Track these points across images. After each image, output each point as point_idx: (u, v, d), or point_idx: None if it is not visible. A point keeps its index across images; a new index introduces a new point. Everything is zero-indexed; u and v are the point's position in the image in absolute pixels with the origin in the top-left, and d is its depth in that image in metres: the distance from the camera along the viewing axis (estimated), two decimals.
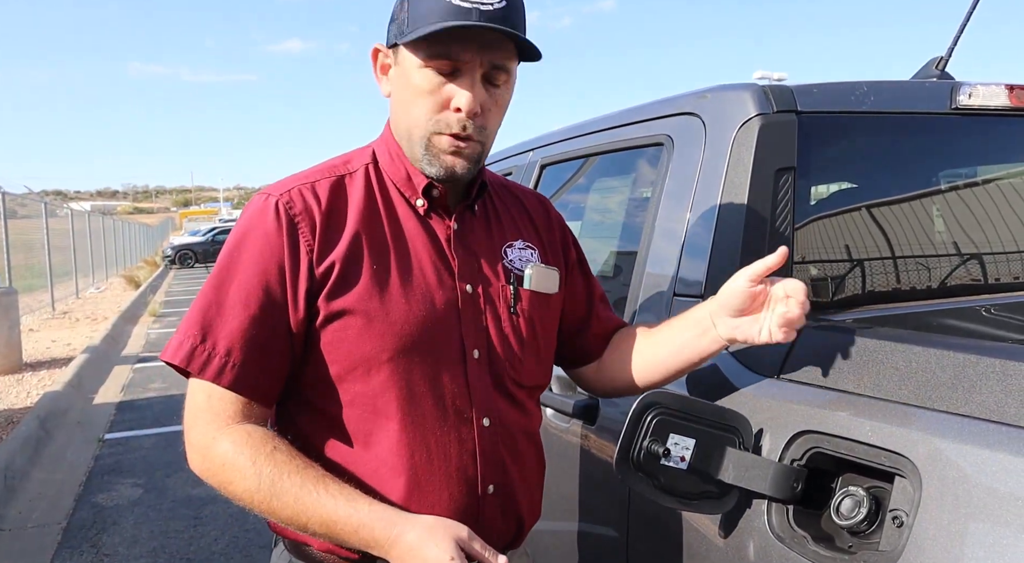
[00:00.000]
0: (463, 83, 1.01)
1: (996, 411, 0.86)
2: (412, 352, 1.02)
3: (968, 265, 1.56)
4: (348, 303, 1.01)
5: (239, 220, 1.07)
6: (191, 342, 0.99)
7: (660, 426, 1.05)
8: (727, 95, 1.45)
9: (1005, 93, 1.55)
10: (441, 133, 1.03)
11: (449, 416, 1.05)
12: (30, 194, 12.88)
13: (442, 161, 1.04)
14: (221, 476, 0.97)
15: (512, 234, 1.18)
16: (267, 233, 1.01)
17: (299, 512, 0.95)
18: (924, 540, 0.85)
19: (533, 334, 1.14)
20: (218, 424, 0.99)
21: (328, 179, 1.07)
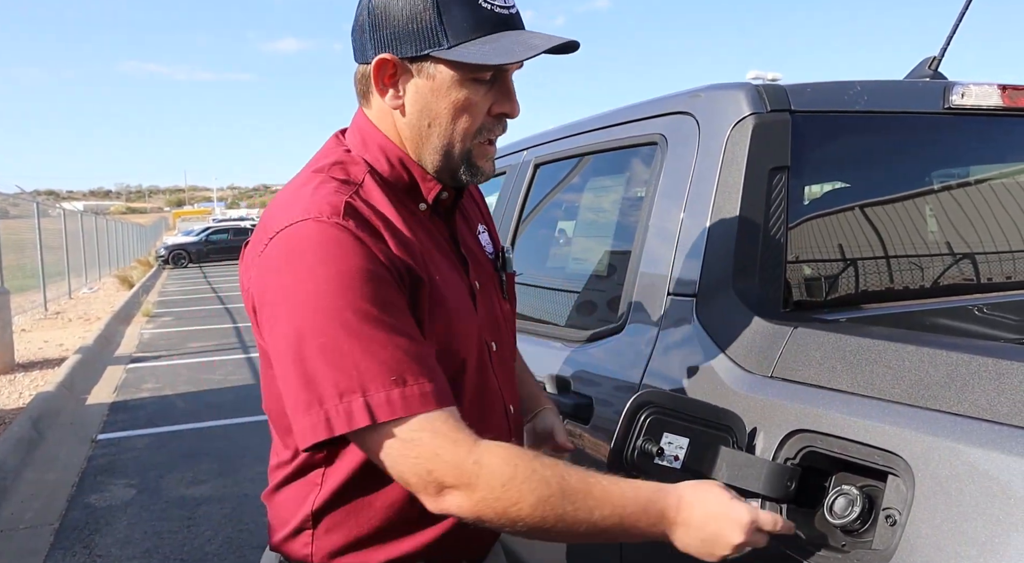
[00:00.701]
0: (506, 88, 1.00)
1: (989, 410, 0.86)
2: (467, 357, 1.03)
3: (961, 265, 1.57)
4: (428, 308, 0.97)
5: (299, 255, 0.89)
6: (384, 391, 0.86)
7: (654, 425, 1.05)
8: (721, 94, 1.45)
9: (998, 93, 1.55)
10: (483, 142, 1.01)
11: (492, 405, 1.08)
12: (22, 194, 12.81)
13: (482, 168, 1.03)
14: (505, 499, 0.85)
15: (475, 220, 1.19)
16: (360, 250, 0.89)
17: (592, 508, 0.87)
18: (917, 539, 0.85)
19: (515, 314, 1.20)
20: (465, 449, 0.87)
21: (352, 189, 0.97)
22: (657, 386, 1.32)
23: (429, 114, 0.99)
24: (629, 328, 1.49)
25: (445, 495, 0.87)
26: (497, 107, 1.00)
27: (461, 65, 0.95)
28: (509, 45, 0.95)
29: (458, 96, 0.97)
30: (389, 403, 0.85)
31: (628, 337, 1.48)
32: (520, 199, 2.11)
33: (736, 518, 0.90)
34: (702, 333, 1.30)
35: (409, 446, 0.86)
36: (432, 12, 0.95)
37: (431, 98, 0.98)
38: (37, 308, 12.16)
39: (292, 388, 0.89)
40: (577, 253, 2.05)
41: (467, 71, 0.96)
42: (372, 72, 0.99)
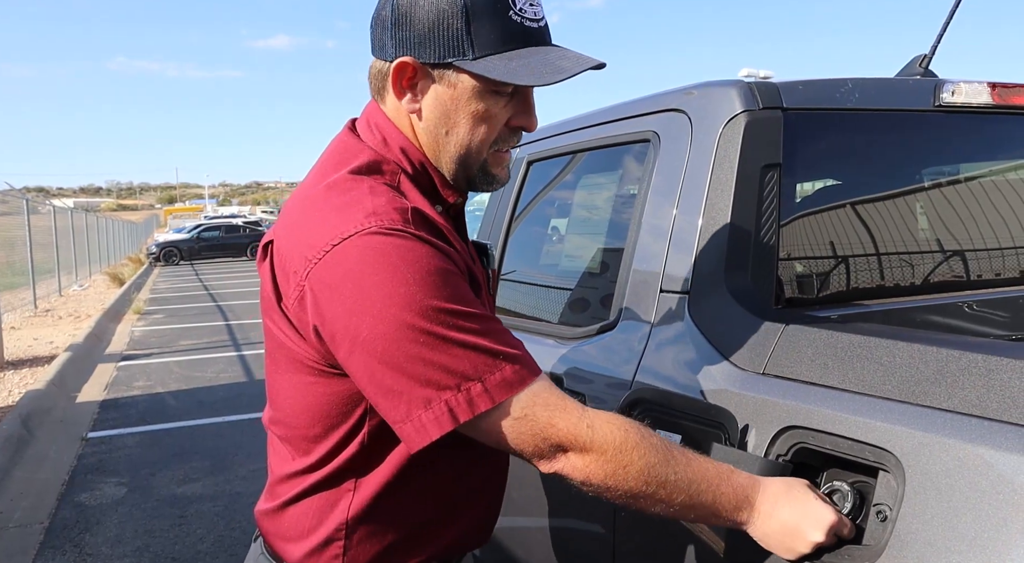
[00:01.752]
0: (526, 102, 1.00)
1: (978, 406, 0.87)
2: None
3: (951, 262, 1.58)
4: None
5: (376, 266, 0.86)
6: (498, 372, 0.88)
7: (646, 422, 1.05)
8: (713, 91, 1.45)
9: (987, 91, 1.56)
10: (499, 150, 1.02)
11: None
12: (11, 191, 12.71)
13: (497, 176, 1.04)
14: (616, 461, 0.89)
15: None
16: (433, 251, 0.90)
17: (691, 480, 0.90)
18: (907, 534, 0.86)
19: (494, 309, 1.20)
20: (577, 414, 0.91)
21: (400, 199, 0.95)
22: (650, 383, 1.32)
23: (447, 122, 0.99)
24: (622, 325, 1.49)
25: (560, 458, 0.90)
26: (515, 120, 1.00)
27: (484, 77, 0.94)
28: (537, 65, 0.94)
29: (478, 107, 0.97)
30: (505, 383, 0.88)
31: (621, 334, 1.48)
32: (513, 196, 2.11)
33: (820, 517, 0.92)
34: (694, 330, 1.30)
35: (524, 423, 0.89)
36: (460, 21, 0.92)
37: (450, 106, 0.97)
38: (27, 306, 12.08)
39: (396, 390, 0.87)
40: (570, 250, 2.05)
41: (490, 83, 0.95)
42: (391, 73, 0.97)
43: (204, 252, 28.28)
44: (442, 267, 0.89)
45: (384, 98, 1.02)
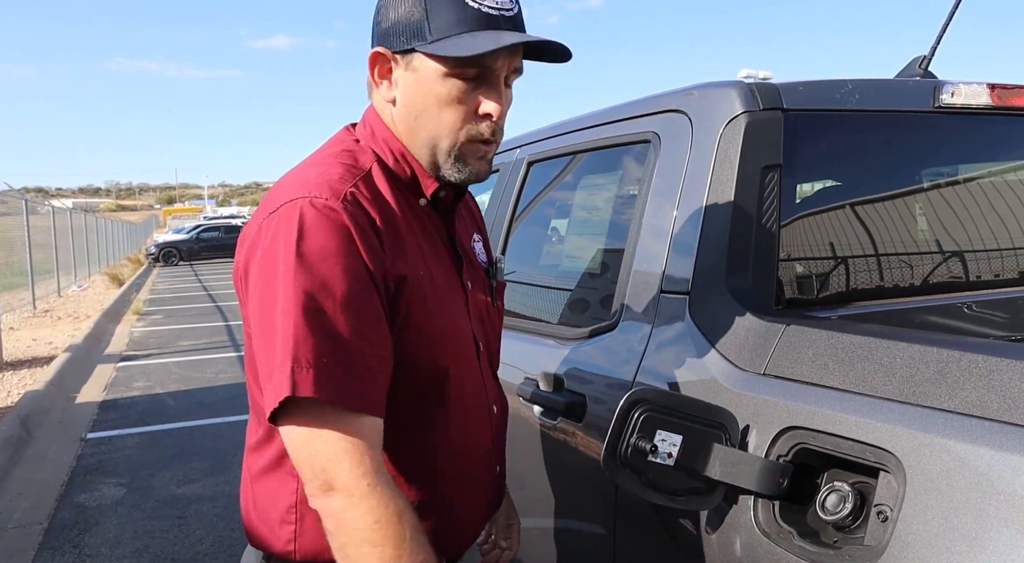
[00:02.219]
0: (492, 90, 1.00)
1: (979, 407, 0.87)
2: (456, 353, 1.06)
3: (951, 262, 1.58)
4: (412, 304, 0.99)
5: (299, 229, 0.91)
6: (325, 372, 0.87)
7: (647, 423, 1.05)
8: (714, 92, 1.45)
9: (987, 92, 1.56)
10: (473, 141, 1.02)
11: (478, 405, 1.11)
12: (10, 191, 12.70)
13: (472, 167, 1.03)
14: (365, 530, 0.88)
15: (471, 227, 1.22)
16: (345, 242, 0.92)
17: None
18: (908, 534, 0.86)
19: (502, 323, 1.24)
20: (367, 466, 0.89)
21: (360, 180, 1.00)
22: (650, 383, 1.32)
23: (416, 107, 1.02)
24: (622, 326, 1.49)
25: (331, 496, 0.89)
26: (482, 107, 1.00)
27: (443, 59, 0.97)
28: (482, 41, 0.95)
29: (440, 90, 0.99)
30: (321, 384, 0.87)
31: (621, 335, 1.48)
32: (513, 197, 2.11)
33: None
34: (695, 331, 1.30)
35: (316, 442, 0.88)
36: (420, 8, 0.97)
37: (417, 91, 1.01)
38: (26, 306, 12.07)
39: (260, 354, 0.92)
40: (570, 251, 2.05)
41: (449, 66, 0.97)
42: (368, 64, 1.04)
43: (203, 252, 28.26)
44: (338, 251, 0.91)
45: (371, 90, 1.08)
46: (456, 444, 1.07)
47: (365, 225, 0.95)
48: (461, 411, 1.08)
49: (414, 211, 1.06)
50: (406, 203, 1.05)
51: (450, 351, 1.05)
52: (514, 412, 1.71)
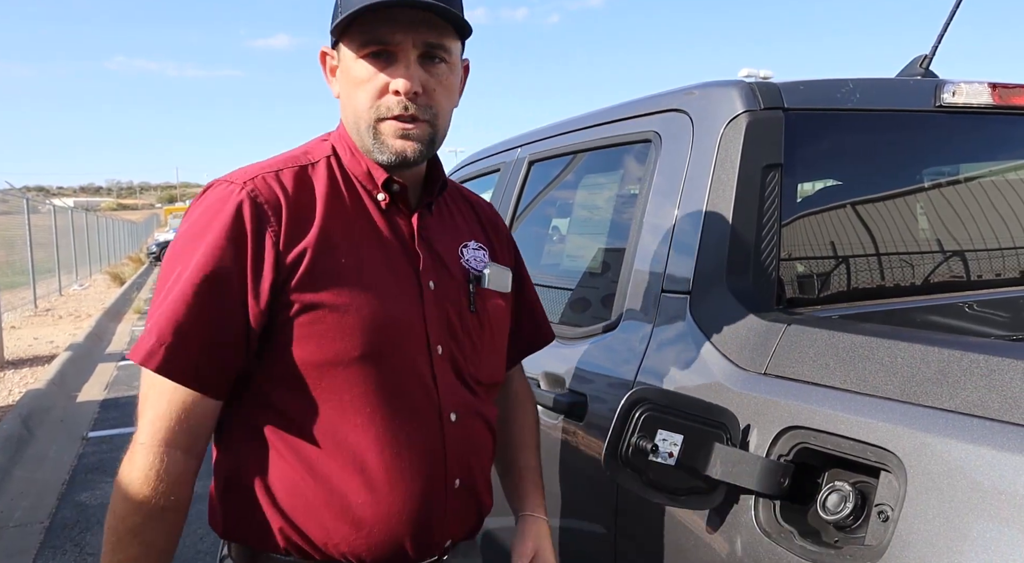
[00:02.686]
0: (399, 66, 1.00)
1: (980, 406, 0.87)
2: (382, 348, 1.01)
3: (952, 262, 1.58)
4: (319, 297, 0.99)
5: (196, 207, 1.03)
6: (147, 338, 0.96)
7: (648, 422, 1.05)
8: (714, 92, 1.45)
9: (988, 91, 1.56)
10: (384, 118, 1.02)
11: (418, 412, 1.04)
12: (11, 190, 12.70)
13: (391, 146, 1.02)
14: (118, 487, 0.97)
15: (466, 234, 1.19)
16: (230, 222, 0.97)
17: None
18: (909, 534, 0.86)
19: (491, 333, 1.16)
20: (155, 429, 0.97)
21: (291, 169, 1.05)
22: (651, 383, 1.32)
23: (344, 96, 1.06)
24: (623, 325, 1.49)
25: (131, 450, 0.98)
26: (391, 85, 1.01)
27: (352, 44, 1.01)
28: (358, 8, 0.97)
29: (353, 73, 1.02)
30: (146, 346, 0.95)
31: (622, 334, 1.48)
32: (514, 196, 2.11)
33: None
34: (696, 330, 1.30)
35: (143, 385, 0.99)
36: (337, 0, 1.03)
37: (342, 79, 1.06)
38: (27, 305, 12.08)
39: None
40: (571, 250, 2.05)
41: (356, 47, 1.01)
42: (319, 63, 1.10)
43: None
44: (213, 230, 0.97)
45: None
46: (384, 445, 1.01)
47: (263, 207, 0.99)
48: (391, 412, 1.02)
49: (367, 205, 1.07)
50: (357, 198, 1.06)
51: (374, 345, 1.00)
52: None
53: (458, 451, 1.08)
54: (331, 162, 1.08)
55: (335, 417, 1.00)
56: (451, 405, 1.08)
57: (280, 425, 1.01)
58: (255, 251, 0.97)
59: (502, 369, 1.22)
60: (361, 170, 1.08)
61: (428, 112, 1.02)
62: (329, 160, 1.08)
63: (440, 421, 1.06)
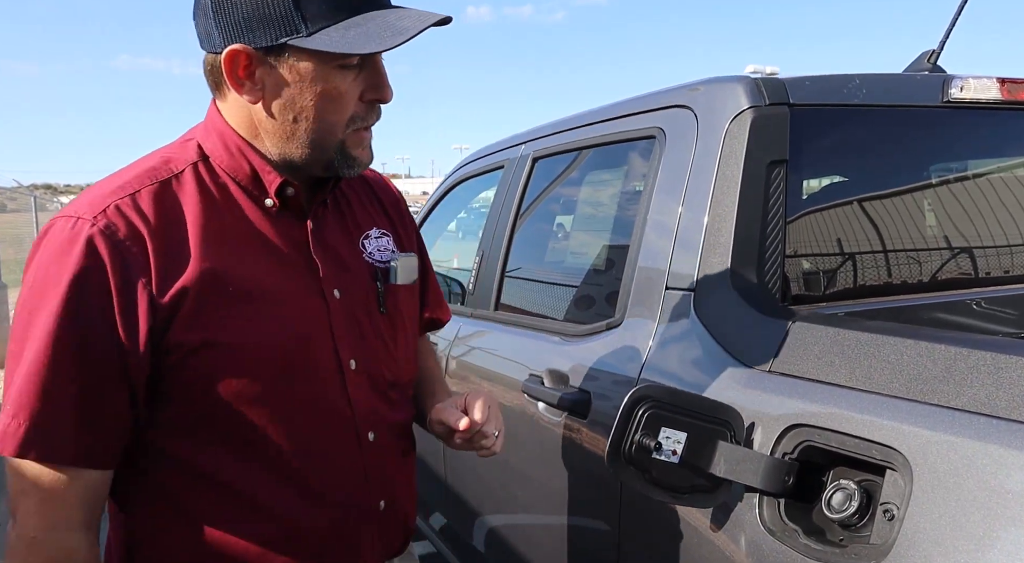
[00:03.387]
0: (376, 72, 0.91)
1: (987, 404, 0.86)
2: (285, 377, 0.91)
3: (959, 259, 1.57)
4: (207, 335, 0.87)
5: (38, 249, 0.86)
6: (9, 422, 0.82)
7: (652, 420, 1.05)
8: (719, 88, 1.44)
9: (996, 86, 1.55)
10: (358, 130, 0.93)
11: (333, 439, 0.96)
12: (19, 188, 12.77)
13: (359, 159, 0.94)
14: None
15: (366, 223, 1.07)
16: (80, 269, 0.82)
17: None
18: (915, 533, 0.85)
19: (404, 329, 1.06)
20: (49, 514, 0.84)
21: (150, 188, 0.89)
22: (655, 380, 1.32)
23: (294, 108, 0.90)
24: (627, 322, 1.48)
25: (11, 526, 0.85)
26: (369, 93, 0.92)
27: (324, 53, 0.86)
28: (377, 30, 0.86)
29: (325, 87, 0.89)
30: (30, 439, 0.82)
31: (626, 331, 1.48)
32: (518, 193, 2.11)
33: None
34: (700, 327, 1.30)
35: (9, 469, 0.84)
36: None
37: (295, 91, 0.89)
38: None
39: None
40: (575, 247, 2.05)
41: (331, 59, 0.87)
42: (223, 65, 0.88)
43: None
44: (65, 275, 0.82)
45: (224, 94, 0.94)
46: (291, 477, 0.93)
47: (122, 245, 0.84)
48: (304, 445, 0.93)
49: (251, 213, 0.94)
50: (237, 206, 0.93)
51: (276, 377, 0.90)
52: (518, 408, 1.71)
53: (381, 470, 1.01)
54: (199, 168, 0.93)
55: (242, 461, 0.91)
56: (369, 424, 0.99)
57: (182, 479, 0.91)
58: (122, 299, 0.83)
59: (415, 363, 1.13)
60: (244, 172, 0.93)
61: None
62: (196, 167, 0.93)
63: (359, 443, 0.98)
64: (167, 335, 0.86)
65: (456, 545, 2.22)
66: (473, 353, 2.12)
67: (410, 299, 1.09)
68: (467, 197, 2.89)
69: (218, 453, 0.90)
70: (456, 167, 2.78)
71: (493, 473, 1.91)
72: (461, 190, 2.74)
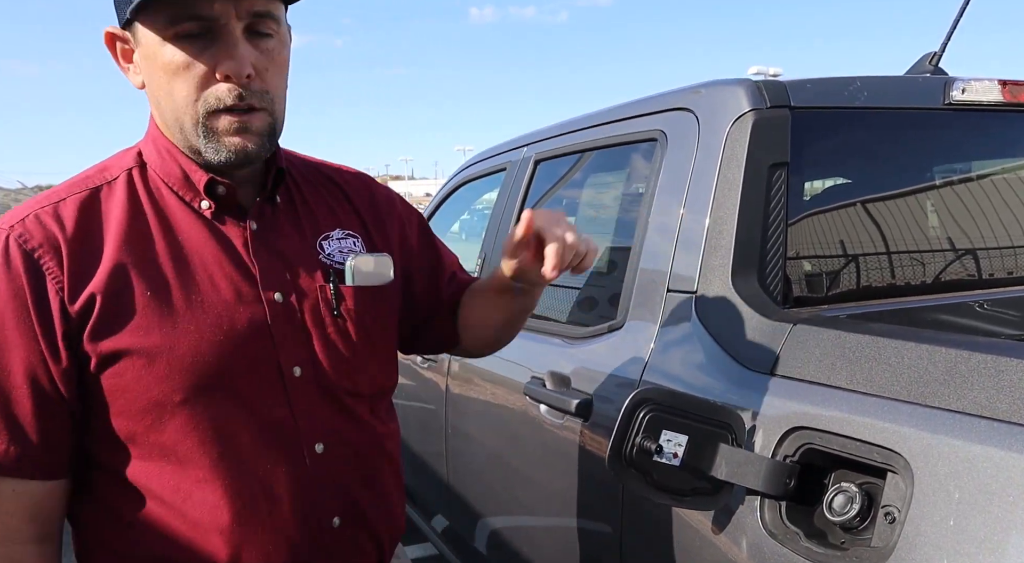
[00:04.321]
0: (223, 45, 0.83)
1: (988, 407, 0.86)
2: (213, 386, 0.88)
3: (961, 261, 1.57)
4: (121, 342, 0.84)
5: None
6: None
7: (653, 422, 1.05)
8: (721, 90, 1.44)
9: (998, 88, 1.55)
10: (216, 112, 0.85)
11: (272, 451, 0.91)
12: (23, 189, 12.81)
13: (228, 144, 0.86)
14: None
15: (328, 223, 1.01)
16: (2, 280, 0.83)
17: None
18: (916, 536, 0.85)
19: (366, 335, 0.99)
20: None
21: (77, 195, 0.88)
22: (656, 383, 1.32)
23: (152, 86, 0.87)
24: (629, 325, 1.48)
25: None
26: (219, 69, 0.83)
27: (155, 23, 0.82)
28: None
29: (165, 58, 0.83)
30: None
31: (627, 334, 1.48)
32: (520, 195, 2.11)
33: None
34: (701, 330, 1.30)
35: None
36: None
37: (147, 67, 0.86)
38: None
39: None
40: None
41: (163, 25, 0.82)
42: (107, 49, 0.88)
43: None
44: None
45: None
46: (230, 489, 0.89)
47: (34, 252, 0.84)
48: (239, 457, 0.89)
49: (188, 217, 0.91)
50: (170, 211, 0.91)
51: (200, 386, 0.87)
52: (520, 411, 1.71)
53: (332, 485, 0.95)
54: (132, 175, 0.91)
55: (172, 474, 0.88)
56: (316, 434, 0.94)
57: (118, 491, 0.89)
58: (37, 305, 0.83)
59: (393, 372, 1.07)
60: (175, 175, 0.91)
61: (265, 98, 0.86)
62: (131, 173, 0.91)
63: (304, 456, 0.93)
64: (80, 343, 0.84)
65: (457, 547, 2.22)
66: None
67: (379, 301, 1.01)
68: (470, 199, 2.89)
69: (149, 464, 0.88)
70: (459, 169, 2.79)
71: (495, 475, 1.92)
72: (464, 192, 2.75)
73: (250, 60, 0.84)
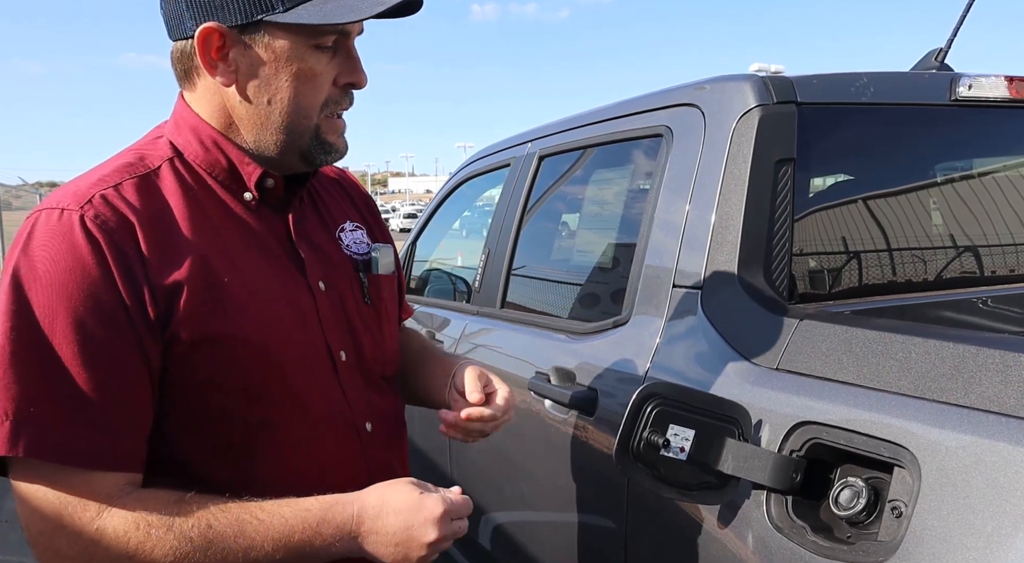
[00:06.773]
0: (350, 56, 0.91)
1: (995, 402, 0.86)
2: (283, 371, 0.90)
3: (966, 257, 1.57)
4: (205, 329, 0.85)
5: (23, 245, 0.80)
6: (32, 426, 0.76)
7: (660, 417, 1.05)
8: (726, 86, 1.44)
9: (1005, 85, 1.54)
10: (333, 116, 0.93)
11: (333, 430, 0.95)
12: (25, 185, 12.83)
13: (336, 146, 0.94)
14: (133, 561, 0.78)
15: (340, 216, 1.07)
16: (79, 261, 0.79)
17: (248, 548, 0.81)
18: (922, 531, 0.85)
19: (388, 320, 1.06)
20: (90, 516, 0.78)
21: (132, 180, 0.87)
22: (663, 378, 1.32)
23: (268, 89, 0.89)
24: (634, 320, 1.49)
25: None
26: (343, 77, 0.91)
27: (301, 30, 0.86)
28: (352, 2, 0.86)
29: (300, 66, 0.88)
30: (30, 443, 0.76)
31: (633, 329, 1.48)
32: (525, 191, 2.11)
33: (427, 516, 0.85)
34: (707, 325, 1.30)
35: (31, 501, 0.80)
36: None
37: (270, 71, 0.88)
38: None
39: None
40: (582, 245, 2.05)
41: (308, 37, 0.87)
42: (196, 46, 0.87)
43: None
44: (61, 269, 0.78)
45: (194, 83, 0.92)
46: (294, 474, 0.91)
47: (115, 233, 0.81)
48: (301, 435, 0.92)
49: (231, 208, 0.92)
50: (218, 201, 0.92)
51: (275, 366, 0.89)
52: (525, 406, 1.71)
53: (378, 462, 1.00)
54: (175, 164, 0.91)
55: (244, 458, 0.89)
56: (364, 415, 0.99)
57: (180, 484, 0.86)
58: (127, 290, 0.81)
59: (399, 352, 1.13)
60: (221, 167, 0.92)
61: None
62: (173, 162, 0.91)
63: (357, 435, 0.98)
64: (167, 330, 0.83)
65: (462, 542, 2.23)
66: (479, 351, 2.13)
67: (391, 290, 1.09)
68: (472, 195, 2.89)
69: (220, 450, 0.88)
70: (462, 165, 2.79)
71: (500, 471, 1.92)
72: (466, 188, 2.75)
73: None
